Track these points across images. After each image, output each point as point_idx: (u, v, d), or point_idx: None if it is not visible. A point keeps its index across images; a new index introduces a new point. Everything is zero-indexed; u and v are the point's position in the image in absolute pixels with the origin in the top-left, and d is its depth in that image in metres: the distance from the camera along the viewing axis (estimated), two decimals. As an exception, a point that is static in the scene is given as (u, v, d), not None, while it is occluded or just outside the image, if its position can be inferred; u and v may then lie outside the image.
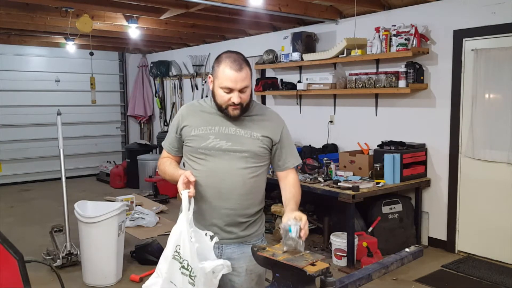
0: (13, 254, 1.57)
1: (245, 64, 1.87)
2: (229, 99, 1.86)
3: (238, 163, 1.91)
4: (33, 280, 1.68)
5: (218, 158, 1.90)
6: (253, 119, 1.97)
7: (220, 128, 1.92)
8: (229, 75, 1.83)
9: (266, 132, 1.96)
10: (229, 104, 1.87)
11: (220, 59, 1.88)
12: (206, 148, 1.91)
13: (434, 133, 4.65)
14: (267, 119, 2.00)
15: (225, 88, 1.85)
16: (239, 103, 1.86)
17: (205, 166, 1.92)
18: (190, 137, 1.95)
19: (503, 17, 4.05)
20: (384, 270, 1.77)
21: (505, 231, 4.17)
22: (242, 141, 1.91)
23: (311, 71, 5.85)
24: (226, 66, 1.84)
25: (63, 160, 4.25)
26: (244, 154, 1.91)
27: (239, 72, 1.83)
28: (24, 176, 8.32)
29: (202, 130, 1.93)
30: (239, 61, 1.85)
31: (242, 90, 1.86)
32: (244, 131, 1.93)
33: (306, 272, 1.51)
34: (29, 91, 8.27)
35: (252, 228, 2.00)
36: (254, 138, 1.93)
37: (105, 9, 5.35)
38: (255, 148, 1.93)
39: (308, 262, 1.57)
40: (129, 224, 5.35)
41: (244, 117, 1.94)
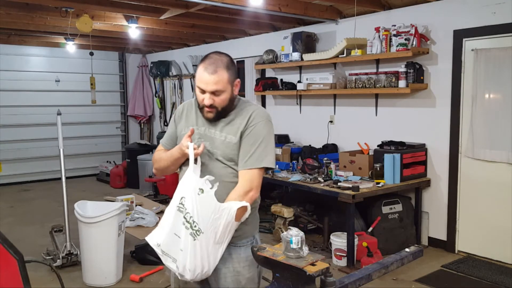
0: (13, 254, 1.57)
1: (222, 68, 1.85)
2: (202, 100, 1.89)
3: (218, 165, 1.93)
4: (33, 280, 1.68)
5: (202, 159, 1.92)
6: (231, 119, 1.94)
7: (205, 129, 1.96)
8: (201, 77, 1.87)
9: (238, 134, 1.91)
10: (203, 105, 1.90)
11: (203, 59, 1.91)
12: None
13: (434, 133, 4.65)
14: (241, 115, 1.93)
15: (198, 88, 1.89)
16: (210, 105, 1.87)
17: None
18: (180, 134, 2.00)
19: (503, 17, 4.05)
20: (384, 270, 1.77)
21: (505, 231, 4.17)
22: (217, 145, 1.93)
23: (311, 71, 5.85)
24: (202, 67, 1.87)
25: (63, 160, 4.25)
26: (220, 157, 1.92)
27: (211, 75, 1.84)
28: (24, 176, 8.32)
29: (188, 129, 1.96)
30: (216, 63, 1.85)
31: (215, 93, 1.86)
32: (220, 134, 1.93)
33: (306, 272, 1.51)
34: (29, 91, 8.27)
35: (239, 230, 1.91)
36: (228, 142, 1.92)
37: (105, 9, 5.35)
38: (229, 152, 1.91)
39: (308, 262, 1.57)
40: (129, 224, 5.35)
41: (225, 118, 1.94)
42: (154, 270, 4.12)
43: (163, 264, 4.05)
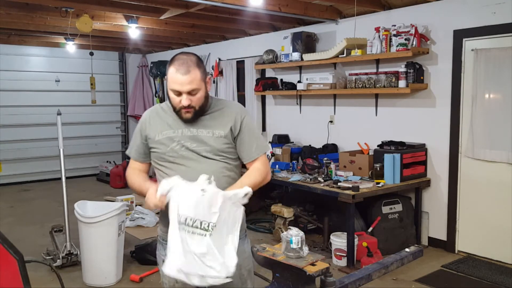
0: (13, 254, 1.57)
1: (194, 67, 1.85)
2: (179, 101, 1.87)
3: (209, 161, 1.91)
4: (33, 280, 1.68)
5: (187, 160, 1.91)
6: (213, 116, 1.96)
7: (183, 130, 1.93)
8: (175, 78, 1.84)
9: (226, 128, 1.94)
10: (180, 107, 1.88)
11: (171, 61, 1.89)
12: (173, 151, 1.91)
13: (434, 133, 4.65)
14: (227, 113, 1.98)
15: (174, 91, 1.87)
16: (188, 105, 1.86)
17: (177, 170, 1.91)
18: (155, 142, 1.95)
19: (503, 17, 4.05)
20: (384, 270, 1.77)
21: (505, 231, 4.17)
22: (206, 141, 1.92)
23: (311, 71, 5.85)
24: (173, 69, 1.85)
25: (63, 160, 4.25)
26: (210, 154, 1.92)
27: (184, 75, 1.82)
28: (24, 176, 8.32)
29: (166, 134, 1.93)
30: (187, 63, 1.84)
31: (191, 92, 1.85)
32: (206, 131, 1.93)
33: (306, 272, 1.51)
34: (29, 91, 8.27)
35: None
36: (216, 137, 1.93)
37: (105, 9, 5.35)
38: (219, 146, 1.93)
39: (308, 262, 1.57)
40: (129, 224, 5.35)
41: (205, 115, 1.95)
42: (154, 270, 4.12)
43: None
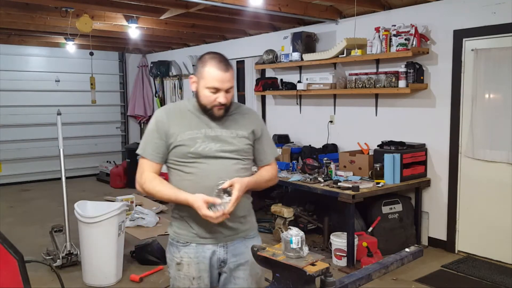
0: (13, 254, 1.57)
1: (229, 65, 1.92)
2: (215, 99, 1.88)
3: (229, 162, 1.95)
4: (33, 280, 1.68)
5: (209, 159, 1.92)
6: (234, 117, 2.01)
7: (206, 131, 1.94)
8: (216, 76, 1.86)
9: (248, 129, 2.01)
10: (214, 105, 1.90)
11: (205, 60, 1.90)
12: (196, 152, 1.91)
13: (434, 133, 4.65)
14: (246, 115, 2.05)
15: (211, 88, 1.87)
16: (225, 103, 1.89)
17: (197, 168, 1.92)
18: (177, 142, 1.93)
19: (503, 17, 4.05)
20: (384, 270, 1.77)
21: (505, 231, 4.17)
22: (230, 141, 1.95)
23: (311, 71, 5.85)
24: (213, 67, 1.86)
25: (63, 160, 4.25)
26: (233, 153, 1.95)
27: (225, 72, 1.87)
28: (24, 176, 8.32)
29: (189, 135, 1.93)
30: (225, 62, 1.89)
31: (228, 90, 1.89)
32: (229, 131, 1.96)
33: (306, 272, 1.51)
34: (29, 91, 8.26)
35: (249, 221, 2.07)
36: (240, 137, 1.98)
37: (105, 9, 5.35)
38: (242, 146, 1.98)
39: (308, 262, 1.57)
40: (129, 224, 5.35)
41: (226, 116, 1.97)
42: (154, 270, 4.12)
43: (163, 264, 4.05)
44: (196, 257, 1.97)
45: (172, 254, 2.03)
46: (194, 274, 1.97)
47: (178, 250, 2.00)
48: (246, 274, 2.01)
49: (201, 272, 1.98)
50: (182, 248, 1.99)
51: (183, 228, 1.99)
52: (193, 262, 1.97)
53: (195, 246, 1.97)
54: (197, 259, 1.97)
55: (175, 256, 2.01)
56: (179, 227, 2.01)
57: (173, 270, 2.03)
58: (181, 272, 1.99)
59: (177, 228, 2.02)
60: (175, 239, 2.02)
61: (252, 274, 2.02)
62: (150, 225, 5.49)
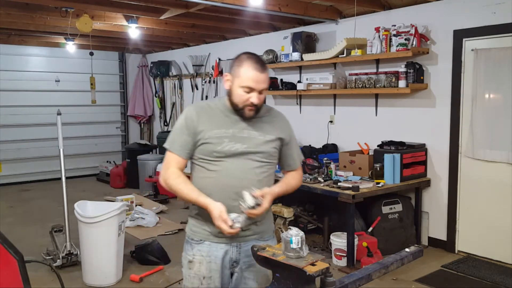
0: (13, 254, 1.57)
1: (266, 67, 1.93)
2: (248, 99, 1.89)
3: (253, 164, 1.95)
4: (33, 280, 1.68)
5: (233, 159, 1.93)
6: (263, 120, 2.01)
7: (234, 131, 1.94)
8: (252, 75, 1.86)
9: (277, 133, 2.02)
10: (246, 104, 1.90)
11: (242, 59, 1.91)
12: (222, 151, 1.92)
13: (434, 133, 4.65)
14: (276, 120, 2.06)
15: (246, 88, 1.88)
16: (257, 104, 1.90)
17: (221, 167, 1.93)
18: (204, 139, 1.93)
19: (503, 17, 4.05)
20: (384, 270, 1.77)
21: (505, 231, 4.17)
22: (257, 143, 1.96)
23: (311, 71, 5.85)
24: (250, 66, 1.87)
25: (63, 160, 4.25)
26: (259, 155, 1.96)
27: (261, 73, 1.88)
28: (24, 176, 8.32)
29: (217, 133, 1.93)
30: (261, 63, 1.91)
31: (261, 91, 1.90)
32: (257, 133, 1.97)
33: (306, 272, 1.51)
34: (29, 91, 8.27)
35: (265, 223, 2.06)
36: (267, 140, 1.98)
37: (105, 9, 5.35)
38: (269, 149, 1.99)
39: (308, 262, 1.57)
40: (129, 224, 5.35)
41: (255, 118, 1.98)
42: (154, 270, 4.12)
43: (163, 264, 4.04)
44: (208, 256, 1.97)
45: (186, 252, 2.04)
46: (205, 273, 1.97)
47: (191, 247, 2.01)
48: (256, 276, 2.02)
49: (212, 272, 1.97)
50: (195, 246, 2.00)
51: (198, 226, 2.00)
52: (205, 261, 1.97)
53: (208, 245, 1.97)
54: (209, 258, 1.97)
55: (188, 254, 2.02)
56: (194, 225, 2.02)
57: (185, 268, 2.04)
58: (192, 271, 2.00)
59: (193, 226, 2.03)
60: (190, 237, 2.03)
61: (262, 276, 2.01)
62: (150, 225, 5.49)
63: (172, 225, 5.56)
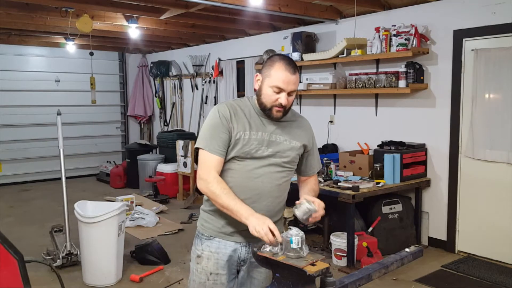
0: (13, 254, 1.57)
1: (297, 69, 1.92)
2: (277, 99, 1.88)
3: (275, 168, 1.95)
4: (33, 280, 1.67)
5: (257, 161, 1.92)
6: (291, 125, 2.02)
7: (263, 134, 1.93)
8: (283, 76, 1.86)
9: (302, 140, 2.03)
10: (274, 105, 1.89)
11: (274, 60, 1.91)
12: (248, 153, 1.91)
13: (434, 133, 4.65)
14: (302, 126, 2.07)
15: (275, 88, 1.87)
16: (284, 106, 1.89)
17: (244, 168, 1.92)
18: (235, 139, 1.91)
19: (503, 17, 4.05)
20: (384, 270, 1.77)
21: (505, 231, 4.17)
22: (282, 148, 1.96)
23: (311, 71, 5.85)
24: (282, 67, 1.87)
25: (63, 160, 4.25)
26: (282, 160, 1.96)
27: (292, 75, 1.87)
28: (24, 176, 8.32)
29: (246, 135, 1.91)
30: (293, 65, 1.90)
31: (290, 93, 1.90)
32: (283, 138, 1.97)
33: (306, 272, 1.51)
34: (29, 91, 8.27)
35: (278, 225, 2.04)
36: (293, 146, 1.99)
37: (105, 9, 5.35)
38: (293, 155, 2.00)
39: (308, 262, 1.57)
40: (129, 224, 5.35)
41: (283, 122, 1.98)
42: (154, 270, 4.12)
43: (163, 264, 4.04)
44: (216, 252, 1.97)
45: (195, 247, 2.05)
46: (212, 269, 1.97)
47: (201, 242, 2.01)
48: (262, 277, 2.02)
49: (219, 269, 1.97)
50: (205, 241, 2.00)
51: (210, 221, 2.00)
52: (212, 257, 1.97)
53: (218, 241, 1.97)
54: (217, 255, 1.97)
55: (197, 249, 2.03)
56: (206, 220, 2.02)
57: (193, 263, 2.05)
58: (199, 266, 2.00)
59: (205, 221, 2.03)
60: (200, 232, 2.04)
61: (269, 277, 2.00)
62: (150, 225, 5.49)
63: (172, 225, 5.56)
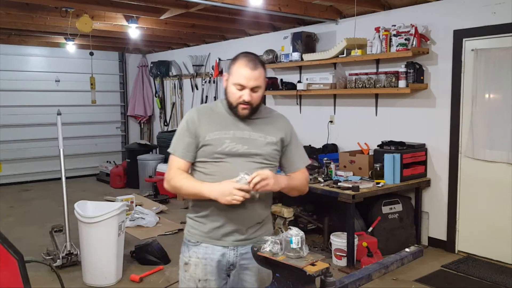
0: (13, 254, 1.57)
1: (260, 65, 1.91)
2: (240, 96, 1.89)
3: (253, 165, 1.93)
4: (33, 280, 1.68)
5: (234, 160, 1.91)
6: (265, 122, 2.00)
7: (235, 132, 1.94)
8: (243, 72, 1.87)
9: (278, 135, 2.00)
10: (239, 102, 1.89)
11: (237, 58, 1.94)
12: (223, 152, 1.91)
13: (434, 133, 4.65)
14: (277, 122, 2.05)
15: (237, 85, 1.88)
16: (248, 102, 1.89)
17: (222, 167, 1.91)
18: (205, 141, 1.93)
19: (503, 17, 4.05)
20: (384, 270, 1.77)
21: (505, 231, 4.17)
22: (257, 145, 1.95)
23: (311, 71, 5.85)
24: (242, 64, 1.89)
25: (63, 160, 4.25)
26: (259, 157, 1.94)
27: (253, 70, 1.87)
28: (24, 176, 8.32)
29: (217, 134, 1.92)
30: (255, 61, 1.91)
31: (254, 89, 1.89)
32: (258, 135, 1.96)
33: (306, 272, 1.51)
34: (29, 91, 8.27)
35: (264, 227, 2.05)
36: (268, 142, 1.97)
37: (105, 9, 5.35)
38: (270, 151, 1.97)
39: (308, 262, 1.57)
40: (129, 224, 5.35)
41: (256, 119, 1.97)
42: (154, 270, 4.12)
43: (163, 264, 4.03)
44: (204, 258, 1.95)
45: (182, 254, 2.03)
46: (200, 276, 1.95)
47: (188, 249, 2.00)
48: (253, 280, 1.99)
49: (207, 275, 1.95)
50: (192, 248, 1.98)
51: (196, 227, 1.99)
52: (200, 263, 1.95)
53: (205, 247, 1.96)
54: (205, 260, 1.95)
55: (184, 256, 2.01)
56: (192, 227, 2.01)
57: (181, 270, 2.03)
58: (187, 273, 1.98)
59: (191, 227, 2.02)
60: (187, 238, 2.03)
61: (259, 279, 2.00)
62: (150, 225, 5.49)
63: (172, 225, 5.56)
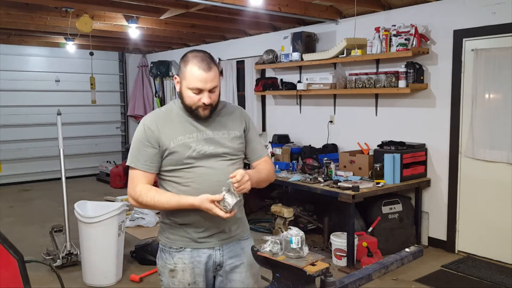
0: (13, 254, 1.57)
1: (213, 64, 1.83)
2: (199, 99, 1.81)
3: (224, 163, 1.90)
4: (33, 280, 1.68)
5: (204, 162, 1.86)
6: (223, 118, 1.96)
7: (198, 134, 1.88)
8: (198, 76, 1.78)
9: (241, 127, 1.98)
10: (199, 106, 1.82)
11: (187, 59, 1.84)
12: (191, 157, 1.85)
13: (434, 133, 4.65)
14: (233, 112, 2.00)
15: (194, 89, 1.80)
16: (209, 104, 1.82)
17: (194, 173, 1.86)
18: (171, 149, 1.84)
19: (503, 17, 4.05)
20: (384, 270, 1.77)
21: (505, 231, 4.17)
22: (223, 142, 1.91)
23: (311, 71, 5.85)
24: (194, 66, 1.79)
25: (63, 160, 4.26)
26: (228, 154, 1.91)
27: (208, 72, 1.79)
28: (24, 176, 8.32)
29: (181, 140, 1.85)
30: (207, 60, 1.81)
31: (212, 90, 1.82)
32: (221, 132, 1.92)
33: (306, 272, 1.51)
34: (29, 91, 8.27)
35: (243, 223, 2.04)
36: (233, 137, 1.94)
37: (105, 9, 5.35)
38: (236, 146, 1.95)
39: (308, 262, 1.57)
40: (129, 224, 5.35)
41: (215, 117, 1.92)
42: (154, 270, 4.12)
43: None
44: (191, 262, 1.91)
45: (165, 261, 1.95)
46: (189, 280, 1.91)
47: (171, 256, 1.93)
48: (241, 277, 1.98)
49: (196, 277, 1.92)
50: (176, 254, 1.92)
51: (177, 233, 1.92)
52: (188, 268, 1.91)
53: (190, 251, 1.91)
54: (192, 264, 1.91)
55: (168, 263, 1.94)
56: (172, 233, 1.93)
57: (166, 277, 1.96)
58: (175, 279, 1.93)
59: (170, 234, 1.94)
60: (167, 245, 1.95)
61: (247, 276, 1.99)
62: (150, 225, 5.49)
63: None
